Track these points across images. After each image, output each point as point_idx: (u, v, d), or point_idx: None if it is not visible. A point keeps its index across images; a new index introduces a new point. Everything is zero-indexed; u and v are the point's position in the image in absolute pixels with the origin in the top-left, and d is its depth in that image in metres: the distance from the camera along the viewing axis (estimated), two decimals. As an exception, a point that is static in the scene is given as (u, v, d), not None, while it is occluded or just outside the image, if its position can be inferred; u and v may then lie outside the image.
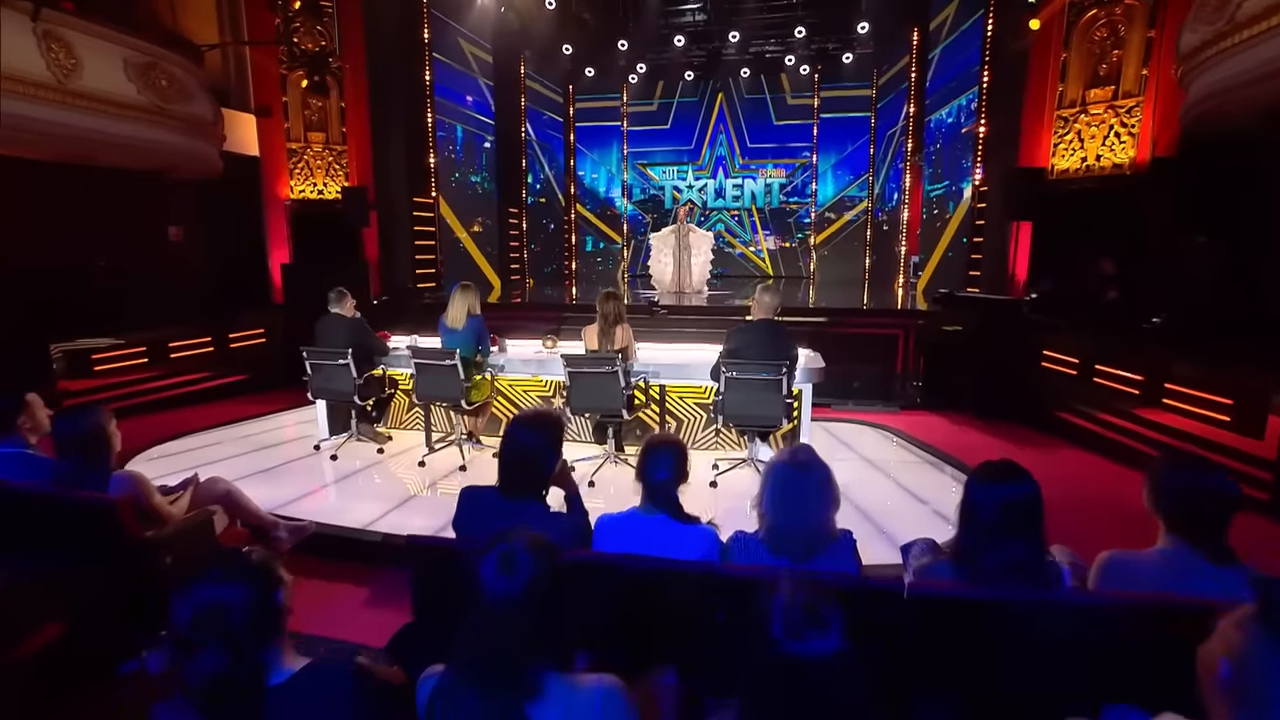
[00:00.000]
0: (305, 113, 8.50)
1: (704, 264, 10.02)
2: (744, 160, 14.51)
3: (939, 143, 10.31)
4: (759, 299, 4.02)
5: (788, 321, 7.32)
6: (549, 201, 14.12)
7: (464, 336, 4.51)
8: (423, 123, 9.89)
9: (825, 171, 14.16)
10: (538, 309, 8.66)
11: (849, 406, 6.85)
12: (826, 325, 7.53)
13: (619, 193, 15.13)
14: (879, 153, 13.33)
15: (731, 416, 4.09)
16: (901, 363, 7.48)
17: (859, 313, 7.87)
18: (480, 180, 11.65)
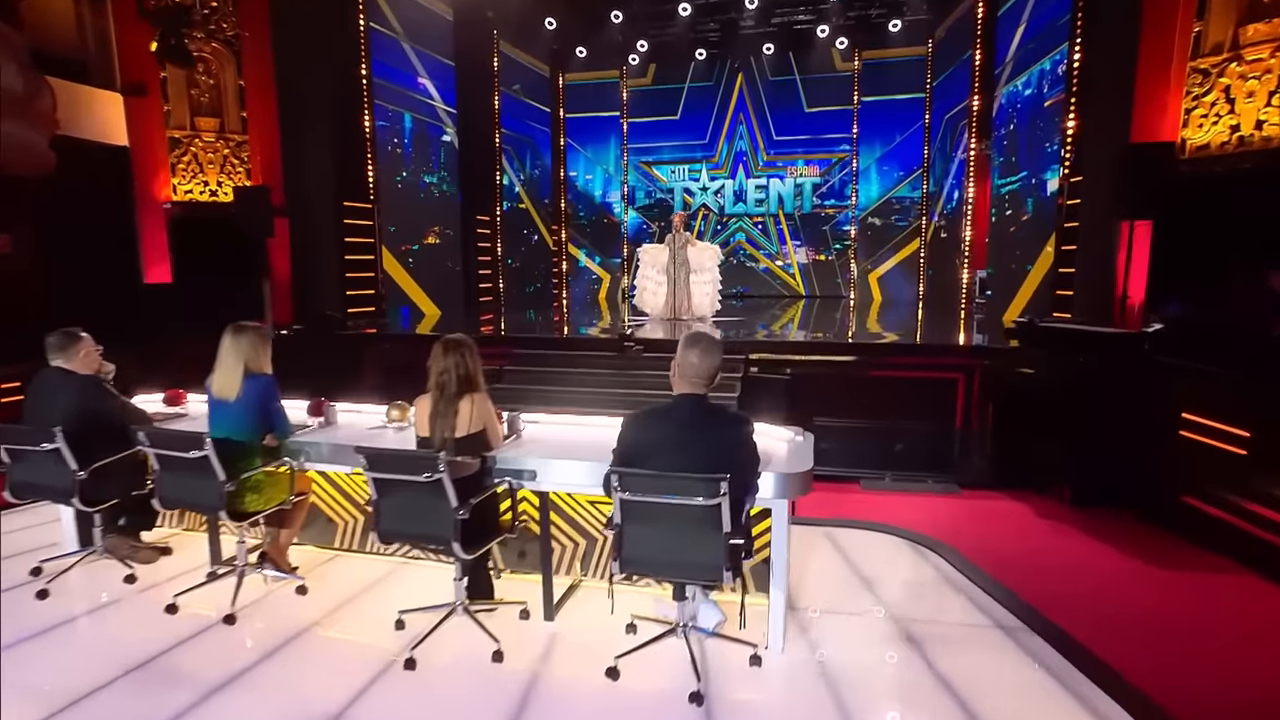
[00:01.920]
0: (192, 93, 7.36)
1: (709, 286, 8.75)
2: (769, 156, 13.60)
3: (1013, 123, 8.73)
4: (683, 357, 2.51)
5: (804, 363, 6.00)
6: (531, 207, 13.22)
7: (240, 411, 3.05)
8: (355, 108, 8.88)
9: (868, 168, 13.13)
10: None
11: (885, 482, 5.56)
12: (860, 367, 6.15)
13: (618, 197, 14.32)
14: (936, 142, 12.18)
15: (635, 564, 2.52)
16: (962, 417, 6.03)
17: (903, 349, 6.36)
18: (436, 181, 10.61)
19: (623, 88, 13.97)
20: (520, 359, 6.94)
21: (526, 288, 13.12)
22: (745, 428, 2.53)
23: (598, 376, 6.35)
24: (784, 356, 6.37)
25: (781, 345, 6.67)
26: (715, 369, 2.55)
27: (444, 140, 10.78)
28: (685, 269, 8.78)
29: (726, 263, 12.84)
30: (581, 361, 6.67)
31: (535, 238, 13.50)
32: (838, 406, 6.02)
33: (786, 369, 6.17)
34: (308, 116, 8.17)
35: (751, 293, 13.52)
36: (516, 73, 12.47)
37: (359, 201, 9.05)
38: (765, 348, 6.53)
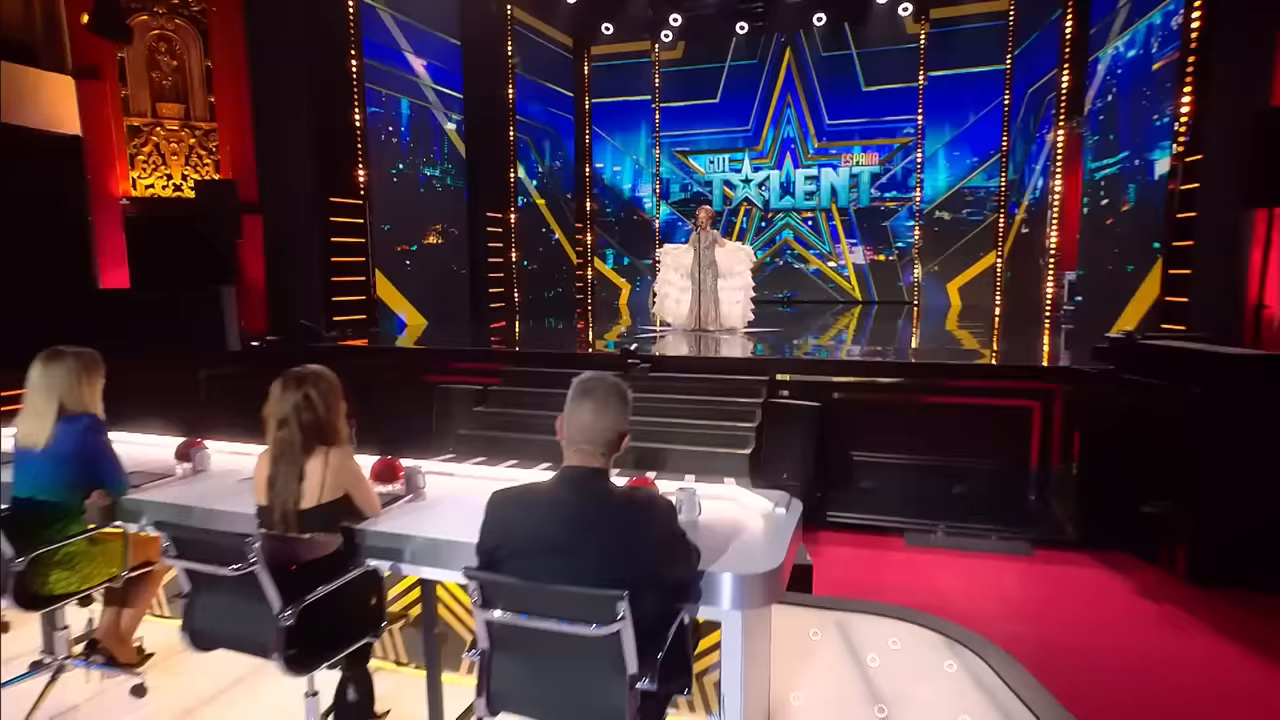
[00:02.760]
0: (154, 75, 7.07)
1: (740, 293, 8.13)
2: (821, 143, 12.99)
3: (1111, 93, 7.80)
4: (571, 414, 1.82)
5: (843, 384, 5.31)
6: (551, 203, 12.79)
7: (49, 462, 2.48)
8: (342, 93, 8.51)
9: (936, 153, 12.39)
10: (462, 359, 6.80)
11: (937, 536, 4.88)
12: (912, 390, 5.49)
13: (649, 191, 13.84)
14: (1016, 121, 11.37)
15: (508, 702, 1.83)
16: (1039, 456, 5.26)
17: (965, 370, 5.50)
18: (439, 174, 10.23)
19: (654, 68, 13.49)
20: (511, 378, 6.44)
21: (545, 292, 12.71)
22: (663, 515, 1.80)
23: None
24: (817, 378, 5.71)
25: (814, 365, 5.97)
26: (616, 431, 1.85)
27: (448, 129, 10.39)
28: (712, 272, 8.17)
29: (772, 265, 13.08)
30: None
31: (555, 237, 13.04)
32: (882, 438, 5.43)
33: (832, 393, 5.53)
34: (286, 102, 7.81)
35: (800, 297, 12.99)
36: (533, 53, 12.00)
37: (347, 197, 8.69)
38: (795, 367, 5.85)
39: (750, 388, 5.68)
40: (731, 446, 5.21)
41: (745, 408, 5.54)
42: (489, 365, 6.66)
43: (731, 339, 7.74)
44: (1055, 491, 5.28)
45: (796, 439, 5.31)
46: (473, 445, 5.73)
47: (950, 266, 12.31)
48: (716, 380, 5.87)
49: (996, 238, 11.90)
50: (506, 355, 6.86)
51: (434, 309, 9.87)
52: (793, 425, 5.36)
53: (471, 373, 6.53)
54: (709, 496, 2.48)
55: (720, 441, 5.26)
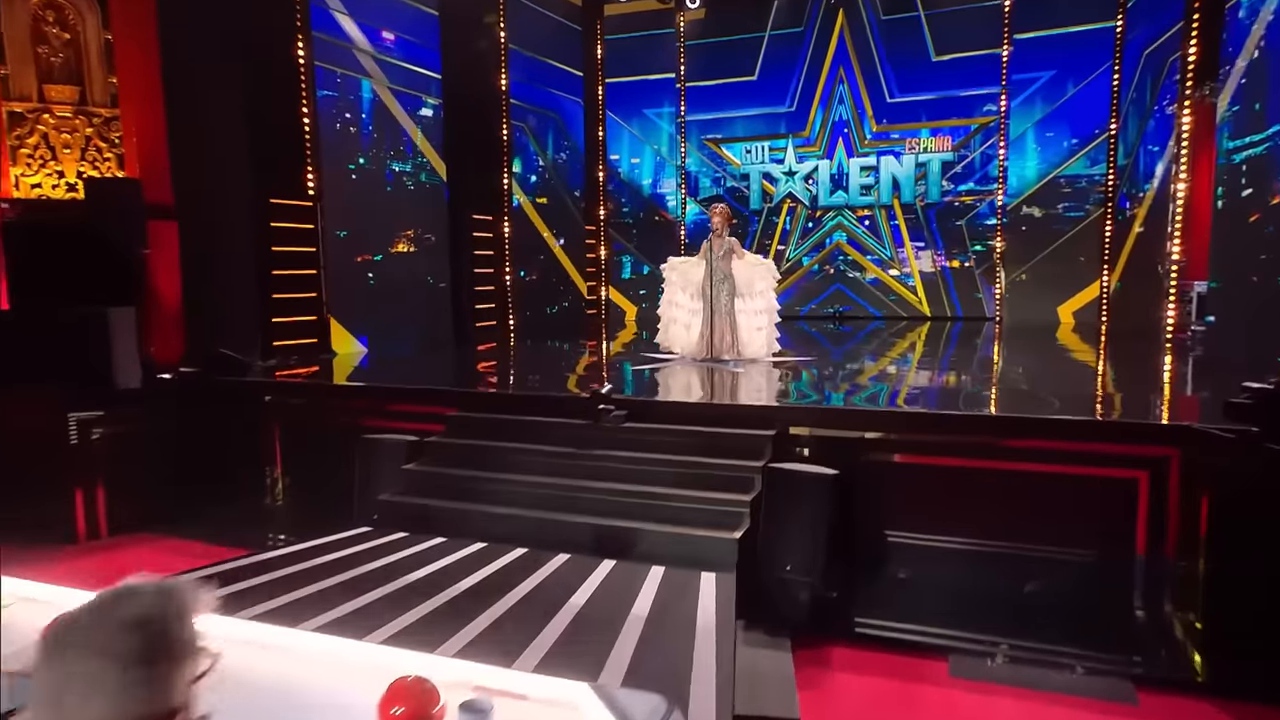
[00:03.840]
0: (40, 51, 6.64)
1: (763, 315, 7.58)
2: (880, 126, 12.54)
3: (1258, 49, 6.99)
4: (42, 671, 0.91)
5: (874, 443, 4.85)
6: (556, 202, 12.38)
7: None
8: (284, 72, 8.09)
9: (1025, 135, 11.73)
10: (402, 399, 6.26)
11: (997, 663, 4.01)
12: (968, 454, 4.70)
13: (673, 186, 13.56)
14: (1129, 92, 10.71)
15: None
16: (1147, 548, 4.36)
17: (1045, 426, 4.67)
18: (411, 170, 9.77)
19: (679, 40, 13.12)
20: (454, 427, 5.80)
21: (548, 308, 12.25)
22: None
23: (554, 459, 5.20)
24: (843, 432, 4.95)
25: (838, 416, 5.20)
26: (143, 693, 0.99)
27: (423, 115, 9.90)
28: (728, 288, 7.54)
29: (820, 273, 12.88)
30: (535, 432, 5.48)
31: (562, 240, 12.55)
32: (927, 513, 4.74)
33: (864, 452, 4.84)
34: (210, 82, 7.45)
35: (854, 313, 12.60)
36: (531, 24, 11.52)
37: (292, 198, 8.28)
38: (813, 417, 5.09)
39: (750, 446, 4.91)
40: (717, 527, 4.48)
41: (740, 474, 4.78)
42: (432, 408, 6.05)
43: (749, 372, 7.05)
44: (1170, 601, 4.29)
45: (805, 518, 4.48)
46: (398, 516, 5.12)
47: (1042, 275, 11.63)
48: (707, 435, 5.12)
49: (1102, 239, 11.28)
50: (450, 396, 6.20)
51: (405, 330, 9.42)
52: (801, 500, 4.53)
53: (414, 418, 6.00)
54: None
55: (703, 519, 4.54)
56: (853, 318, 12.52)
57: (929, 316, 12.25)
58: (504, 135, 11.13)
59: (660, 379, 7.09)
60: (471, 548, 4.70)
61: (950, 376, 7.19)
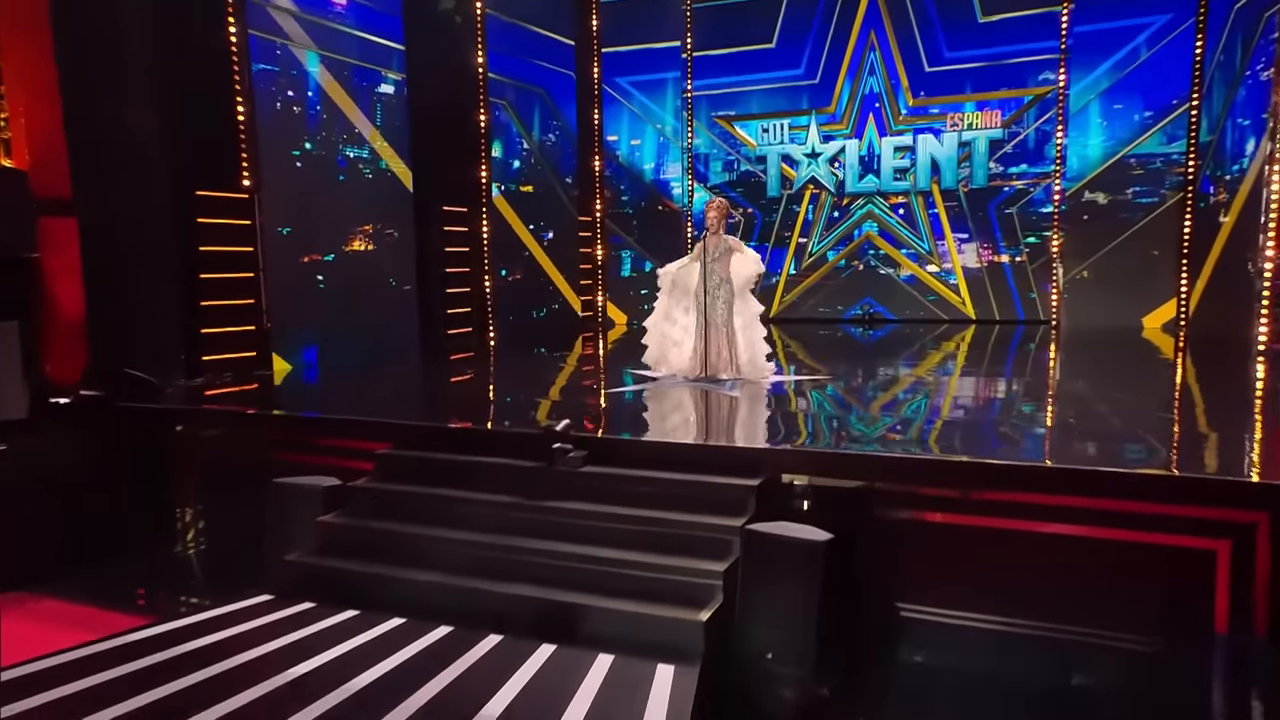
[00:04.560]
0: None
1: (757, 324, 7.37)
2: (918, 99, 12.37)
3: None
4: None
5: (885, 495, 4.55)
6: (544, 191, 12.22)
7: None
8: (210, 44, 7.86)
9: (1088, 107, 11.46)
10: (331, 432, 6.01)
11: None
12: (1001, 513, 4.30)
13: (679, 171, 13.46)
14: (1215, 55, 10.52)
15: None
16: (1230, 634, 3.91)
17: (1094, 480, 4.14)
18: (368, 156, 9.50)
19: (685, 2, 13.07)
20: (384, 468, 5.42)
21: (534, 311, 12.10)
22: None
23: (496, 511, 4.82)
24: (845, 483, 4.51)
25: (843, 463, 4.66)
26: None
27: (382, 92, 9.62)
28: (724, 294, 7.17)
29: (848, 269, 12.86)
30: (477, 476, 5.10)
31: (550, 235, 12.31)
32: (950, 584, 4.37)
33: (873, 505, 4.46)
34: (116, 55, 7.14)
35: (886, 315, 12.55)
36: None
37: (222, 190, 8.03)
38: (810, 463, 4.63)
39: (730, 499, 4.47)
40: (682, 603, 4.02)
41: (715, 534, 4.33)
42: (363, 443, 5.66)
43: (747, 396, 6.66)
44: (1263, 699, 3.78)
45: (792, 594, 4.02)
46: (307, 581, 4.75)
47: (1107, 273, 11.40)
48: (677, 485, 4.67)
49: (1179, 230, 11.01)
50: (384, 429, 5.74)
51: (361, 341, 9.19)
52: (787, 571, 4.09)
53: (344, 453, 5.70)
54: None
55: (666, 593, 4.10)
56: (884, 321, 12.42)
57: (973, 320, 12.10)
58: (481, 115, 10.90)
59: (638, 406, 6.77)
60: (386, 625, 4.31)
61: (990, 402, 6.79)
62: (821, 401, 6.63)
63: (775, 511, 4.34)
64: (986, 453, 4.88)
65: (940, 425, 5.79)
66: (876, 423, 5.88)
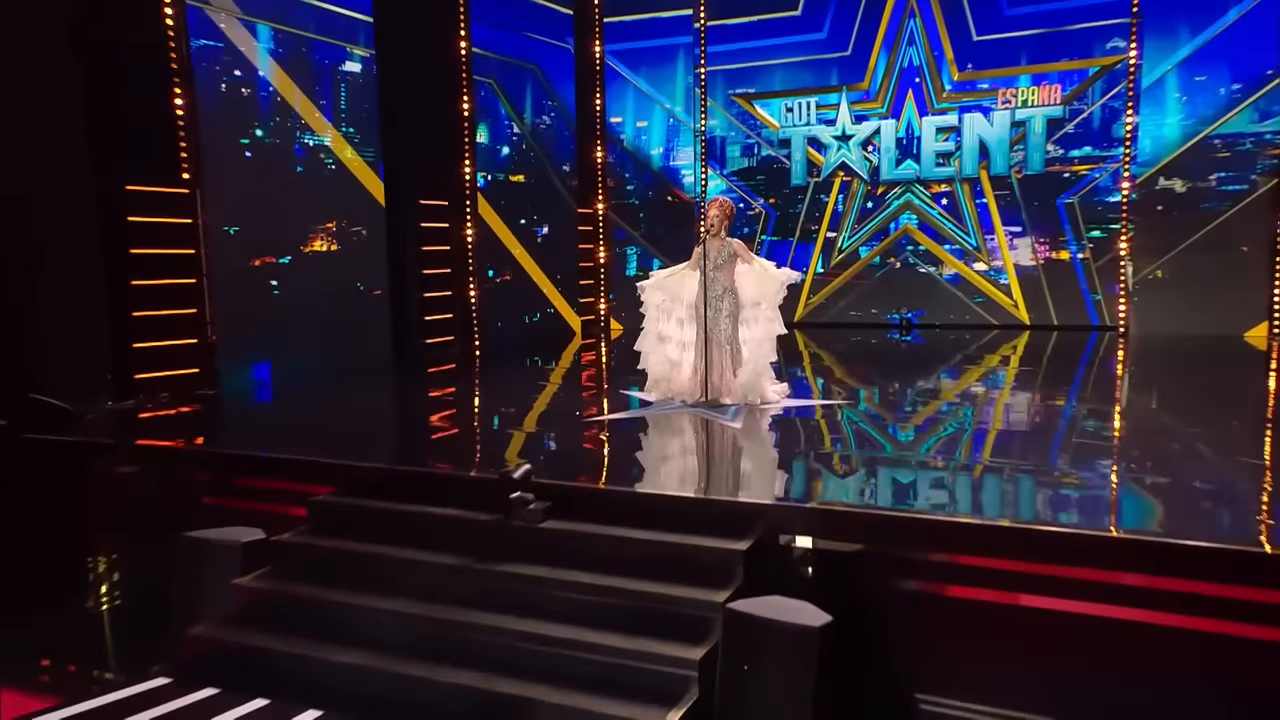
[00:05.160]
0: None
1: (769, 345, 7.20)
2: (964, 73, 12.30)
3: None
4: None
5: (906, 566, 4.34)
6: (538, 180, 12.16)
7: None
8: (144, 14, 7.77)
9: (1163, 80, 11.35)
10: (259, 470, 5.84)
11: None
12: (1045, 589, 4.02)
13: (691, 157, 13.42)
14: None
15: None
16: None
17: (1154, 554, 3.85)
18: (329, 144, 9.37)
19: None
20: (319, 518, 5.16)
21: (526, 316, 12.05)
22: None
23: (439, 575, 4.58)
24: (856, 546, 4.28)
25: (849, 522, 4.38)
26: None
27: (347, 71, 9.51)
28: (728, 306, 7.02)
29: (883, 268, 12.81)
30: (422, 530, 4.87)
31: (544, 230, 12.24)
32: (983, 677, 4.03)
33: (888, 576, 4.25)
34: (19, 31, 7.03)
35: (927, 319, 12.33)
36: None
37: (157, 184, 7.88)
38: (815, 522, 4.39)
39: (713, 566, 4.18)
40: (648, 699, 3.74)
41: (692, 611, 4.03)
42: (297, 484, 5.46)
43: (751, 427, 6.45)
44: None
45: (782, 689, 3.71)
46: (213, 660, 4.53)
47: (1185, 271, 11.31)
48: (653, 546, 4.39)
49: (1273, 223, 10.86)
50: (321, 470, 5.48)
51: (323, 354, 9.06)
52: (776, 660, 3.74)
53: (276, 497, 5.53)
54: None
55: (630, 685, 3.82)
56: (925, 325, 12.23)
57: (1027, 325, 11.97)
58: (464, 96, 10.77)
59: (620, 439, 6.52)
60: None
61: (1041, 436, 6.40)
62: (838, 437, 6.39)
63: (768, 582, 4.07)
64: (1033, 512, 4.60)
65: (979, 472, 5.43)
66: (900, 466, 5.56)
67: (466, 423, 7.78)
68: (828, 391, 8.22)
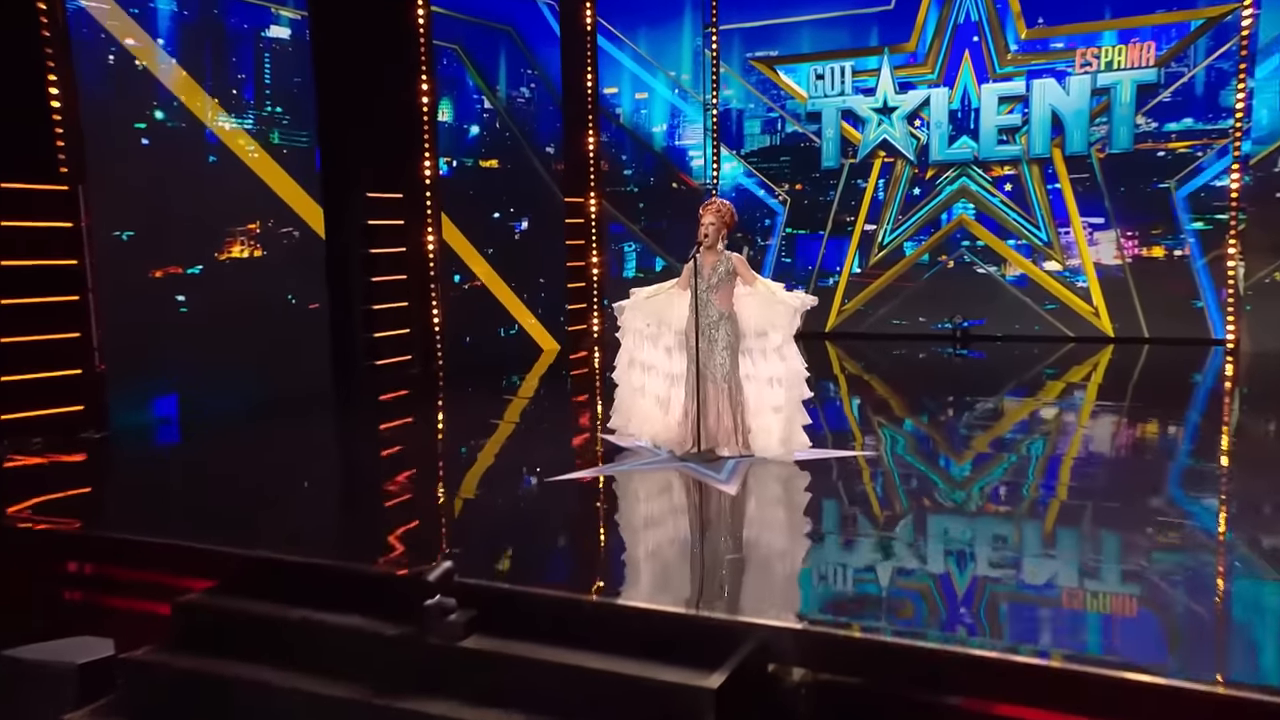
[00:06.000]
0: None
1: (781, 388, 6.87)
2: (1032, 30, 12.19)
3: None
4: None
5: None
6: (514, 166, 12.08)
7: None
8: None
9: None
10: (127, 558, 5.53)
11: None
12: None
13: (700, 134, 13.42)
14: None
15: None
16: None
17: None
18: (253, 127, 9.17)
19: None
20: (185, 627, 4.76)
21: (502, 329, 12.06)
22: None
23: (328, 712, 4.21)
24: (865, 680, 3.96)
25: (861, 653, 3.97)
26: None
27: (273, 38, 9.37)
28: (725, 336, 6.71)
29: (932, 268, 12.66)
30: (309, 645, 4.45)
31: (524, 224, 12.22)
32: None
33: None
34: None
35: (985, 330, 12.28)
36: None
37: (29, 180, 7.65)
38: (815, 649, 4.03)
39: (673, 709, 3.79)
40: None
41: None
42: (167, 577, 5.15)
43: (751, 492, 6.19)
44: None
45: None
46: None
47: None
48: (595, 678, 3.95)
49: None
50: (195, 559, 5.11)
51: (245, 384, 8.83)
52: None
53: (144, 591, 5.21)
54: None
55: None
56: (983, 339, 12.11)
57: (1111, 338, 11.77)
58: (422, 66, 10.65)
59: (582, 509, 6.19)
60: None
61: (1130, 509, 5.72)
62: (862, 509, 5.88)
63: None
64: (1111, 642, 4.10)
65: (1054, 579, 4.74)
66: (953, 544, 5.08)
67: (396, 482, 7.28)
68: (854, 430, 7.94)
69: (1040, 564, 4.90)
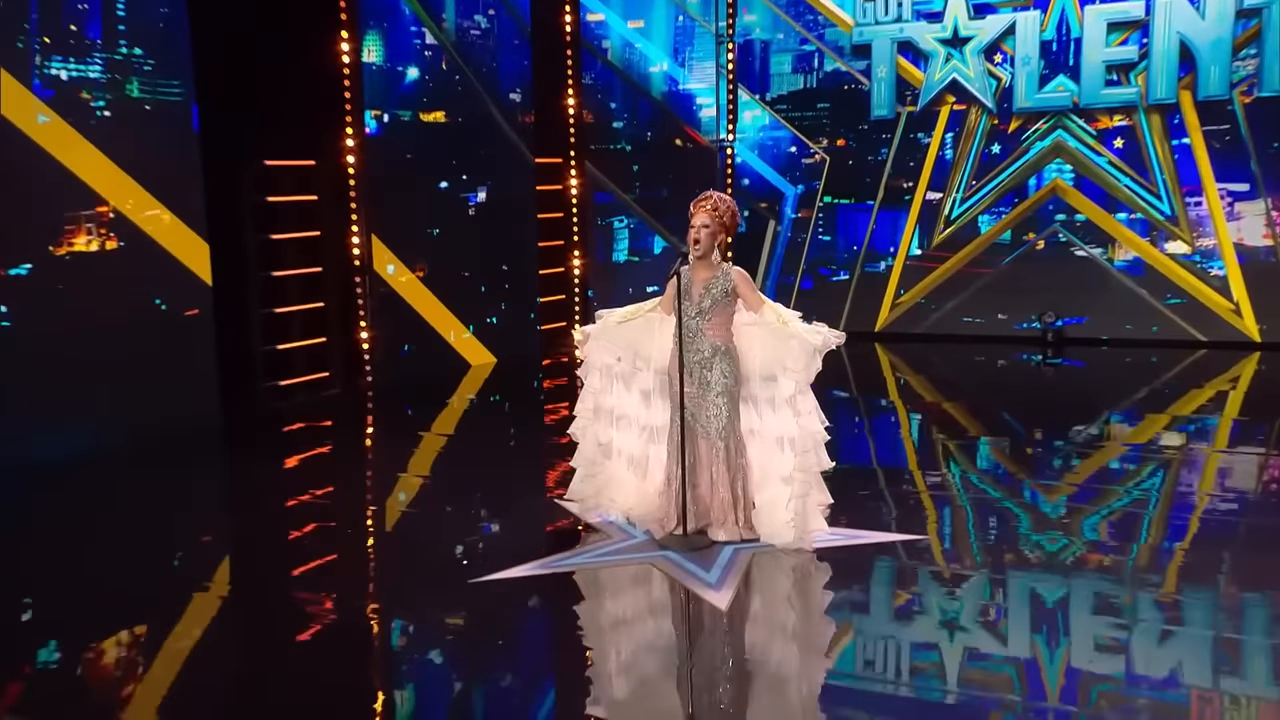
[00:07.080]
0: None
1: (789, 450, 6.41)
2: None
3: None
4: None
5: None
6: (468, 118, 11.98)
7: None
8: None
9: None
10: None
11: None
12: None
13: (710, 78, 13.76)
14: None
15: None
16: None
17: None
18: (104, 76, 8.90)
19: None
20: None
21: (449, 331, 11.93)
22: None
23: None
24: None
25: None
26: None
27: None
28: (722, 372, 6.32)
29: (1017, 248, 12.60)
30: None
31: (476, 197, 11.94)
32: None
33: None
34: None
35: (1086, 331, 12.26)
36: None
37: None
38: None
39: None
40: None
41: None
42: None
43: (762, 586, 5.91)
44: None
45: None
46: None
47: None
48: None
49: None
50: None
51: (95, 418, 8.64)
52: None
53: None
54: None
55: None
56: (1083, 343, 12.08)
57: (1257, 344, 11.55)
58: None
59: (510, 643, 5.37)
60: None
61: None
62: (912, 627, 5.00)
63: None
64: None
65: None
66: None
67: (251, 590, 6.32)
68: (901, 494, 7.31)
69: None
